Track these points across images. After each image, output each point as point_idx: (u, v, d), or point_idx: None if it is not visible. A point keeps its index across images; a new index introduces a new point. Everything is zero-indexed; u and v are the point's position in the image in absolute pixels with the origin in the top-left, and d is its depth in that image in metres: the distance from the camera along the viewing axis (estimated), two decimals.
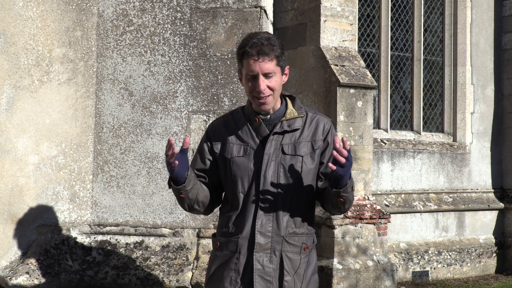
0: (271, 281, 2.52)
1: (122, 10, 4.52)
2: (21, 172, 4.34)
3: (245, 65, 2.50)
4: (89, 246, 4.38)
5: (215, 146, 2.64)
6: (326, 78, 6.70)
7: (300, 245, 2.58)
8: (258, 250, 2.52)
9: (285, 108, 2.62)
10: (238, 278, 2.53)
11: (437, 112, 8.67)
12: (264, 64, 2.47)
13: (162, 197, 4.42)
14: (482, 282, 7.95)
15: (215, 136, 2.66)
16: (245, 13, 4.43)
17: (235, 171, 2.57)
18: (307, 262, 2.61)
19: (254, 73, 2.48)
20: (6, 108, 4.33)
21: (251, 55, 2.47)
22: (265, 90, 2.49)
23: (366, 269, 6.48)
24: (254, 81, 2.50)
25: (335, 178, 2.42)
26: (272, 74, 2.50)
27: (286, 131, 2.58)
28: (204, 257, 4.27)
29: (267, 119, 2.59)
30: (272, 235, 2.53)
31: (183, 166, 2.45)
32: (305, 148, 2.58)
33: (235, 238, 2.56)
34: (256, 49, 2.47)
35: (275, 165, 2.55)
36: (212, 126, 2.73)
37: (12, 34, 4.35)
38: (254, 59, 2.47)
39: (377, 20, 8.15)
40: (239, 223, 2.56)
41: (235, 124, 2.64)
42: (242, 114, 2.66)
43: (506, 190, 8.79)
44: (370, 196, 6.77)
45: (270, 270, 2.52)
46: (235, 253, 2.55)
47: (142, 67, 4.48)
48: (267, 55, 2.47)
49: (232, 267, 2.55)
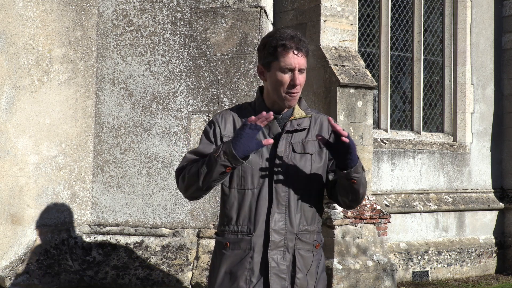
0: (286, 278, 2.53)
1: (122, 10, 4.52)
2: (21, 172, 4.34)
3: (282, 57, 2.50)
4: (89, 246, 4.38)
5: (225, 138, 2.61)
6: (326, 78, 6.70)
7: (312, 242, 2.60)
8: (273, 248, 2.52)
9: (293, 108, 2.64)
10: (253, 277, 2.52)
11: (437, 112, 8.66)
12: (301, 59, 2.51)
13: (162, 197, 4.42)
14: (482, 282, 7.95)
15: (225, 128, 2.63)
16: (245, 13, 4.43)
17: (245, 167, 2.55)
18: (319, 259, 2.64)
19: (293, 67, 2.50)
20: (6, 108, 4.33)
21: (290, 48, 2.49)
22: (298, 87, 2.52)
23: (366, 269, 6.47)
24: (289, 74, 2.51)
25: (344, 154, 2.45)
26: (303, 71, 2.54)
27: (296, 130, 2.60)
28: (204, 257, 4.27)
29: (278, 117, 2.60)
30: (286, 232, 2.54)
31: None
32: (313, 146, 2.60)
33: (248, 236, 2.55)
34: (295, 43, 2.49)
35: (286, 163, 2.56)
36: (221, 117, 2.66)
37: (12, 34, 4.35)
38: (294, 52, 2.49)
39: (377, 20, 8.15)
40: (251, 221, 2.55)
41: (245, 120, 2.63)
42: (251, 110, 2.65)
43: (506, 190, 8.79)
44: (370, 196, 6.77)
45: (284, 268, 2.53)
46: (248, 251, 2.54)
47: (142, 67, 4.48)
48: (303, 51, 2.51)
49: (247, 266, 2.53)
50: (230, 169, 2.45)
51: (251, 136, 2.40)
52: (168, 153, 4.43)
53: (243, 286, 2.53)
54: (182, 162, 2.63)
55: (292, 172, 2.57)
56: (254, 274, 2.53)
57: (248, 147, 2.41)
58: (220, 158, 2.41)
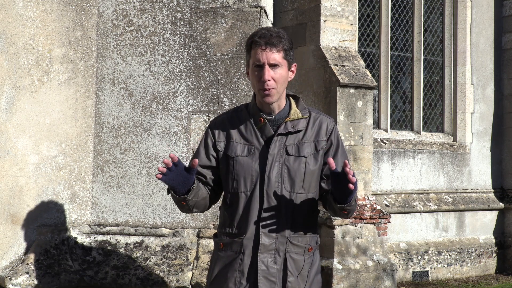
0: (276, 281, 2.52)
1: (122, 10, 4.52)
2: (21, 172, 4.34)
3: (253, 54, 2.51)
4: (89, 246, 4.38)
5: (219, 143, 2.63)
6: (326, 78, 6.70)
7: (304, 245, 2.58)
8: (263, 251, 2.52)
9: (289, 108, 2.61)
10: (242, 279, 2.53)
11: (437, 112, 8.67)
12: (271, 54, 2.48)
13: (162, 197, 4.42)
14: (482, 282, 7.95)
15: (218, 133, 2.65)
16: (245, 13, 4.43)
17: (238, 170, 2.56)
18: (311, 262, 2.61)
19: (260, 62, 2.49)
20: (6, 108, 4.33)
21: (259, 45, 2.49)
22: (270, 82, 2.49)
23: (366, 269, 6.47)
24: (259, 70, 2.50)
25: (344, 194, 2.42)
26: (278, 66, 2.50)
27: (290, 132, 2.57)
28: (204, 257, 4.27)
29: (272, 119, 2.58)
30: (276, 236, 2.53)
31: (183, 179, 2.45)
32: (309, 149, 2.57)
33: (239, 238, 2.55)
34: (264, 39, 2.49)
35: (279, 166, 2.54)
36: (215, 123, 2.70)
37: (12, 34, 4.35)
38: (261, 48, 2.48)
39: (377, 20, 8.15)
40: (242, 223, 2.55)
41: (239, 123, 2.63)
42: (246, 112, 2.64)
43: (506, 190, 8.79)
44: (370, 196, 6.77)
45: (274, 271, 2.52)
46: (239, 254, 2.54)
47: (142, 67, 4.48)
48: (274, 46, 2.49)
49: (237, 268, 2.54)
50: (183, 203, 2.52)
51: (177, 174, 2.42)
52: (168, 153, 4.43)
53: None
54: None
55: (285, 175, 2.54)
56: (243, 276, 2.53)
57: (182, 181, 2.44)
58: (171, 195, 2.53)
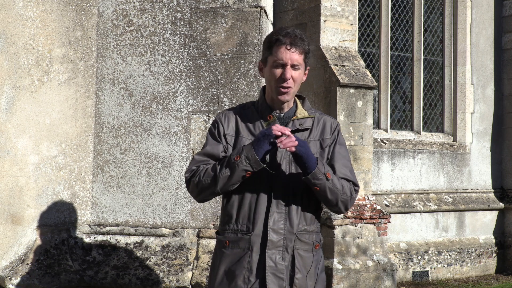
0: (284, 278, 2.53)
1: (122, 10, 4.52)
2: (21, 172, 4.34)
3: (275, 52, 2.54)
4: (89, 246, 4.38)
5: (228, 137, 2.64)
6: (326, 78, 6.70)
7: (311, 243, 2.60)
8: (271, 248, 2.52)
9: (296, 108, 2.66)
10: (251, 276, 2.53)
11: (437, 112, 8.67)
12: (294, 55, 2.53)
13: (162, 197, 4.42)
14: (482, 282, 7.95)
15: (228, 127, 2.65)
16: (245, 13, 4.43)
17: None
18: (318, 260, 2.64)
19: (284, 61, 2.53)
20: (6, 108, 4.33)
21: (283, 43, 2.53)
22: (290, 81, 2.54)
23: (366, 269, 6.47)
24: (281, 69, 2.54)
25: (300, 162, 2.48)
26: (298, 67, 2.56)
27: (298, 130, 2.60)
28: (204, 257, 4.28)
29: (280, 117, 2.62)
30: (285, 232, 2.54)
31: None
32: (314, 147, 2.61)
33: (247, 235, 2.55)
34: (289, 39, 2.53)
35: (286, 163, 2.57)
36: (224, 116, 2.68)
37: (12, 34, 4.35)
38: (286, 47, 2.53)
39: (377, 20, 8.15)
40: (250, 220, 2.56)
41: (247, 119, 2.65)
42: (253, 109, 2.67)
43: (506, 190, 8.79)
44: (370, 196, 6.77)
45: (282, 268, 2.53)
46: (247, 250, 2.54)
47: (142, 67, 4.48)
48: (298, 47, 2.54)
49: (245, 265, 2.54)
50: (250, 174, 2.48)
51: (265, 139, 2.45)
52: (168, 153, 4.43)
53: (241, 285, 2.53)
54: (191, 164, 2.63)
55: (292, 172, 2.57)
56: (252, 273, 2.53)
57: (262, 149, 2.46)
58: (242, 163, 2.45)
